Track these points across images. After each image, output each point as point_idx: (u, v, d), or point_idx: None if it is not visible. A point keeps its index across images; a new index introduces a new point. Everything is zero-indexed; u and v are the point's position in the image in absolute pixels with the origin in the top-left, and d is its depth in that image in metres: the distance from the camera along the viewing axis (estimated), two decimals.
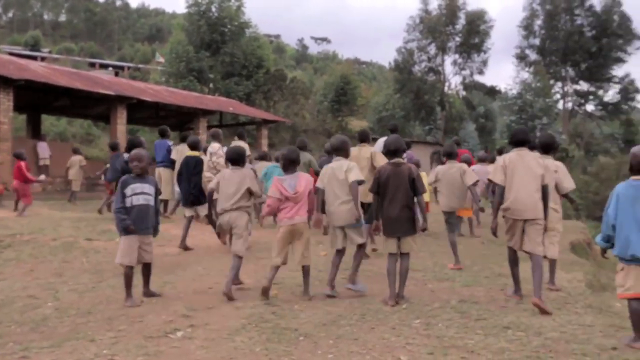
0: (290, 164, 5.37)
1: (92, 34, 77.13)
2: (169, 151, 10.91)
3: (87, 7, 77.81)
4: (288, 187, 5.22)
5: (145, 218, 5.03)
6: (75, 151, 15.49)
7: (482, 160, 11.64)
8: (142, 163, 5.08)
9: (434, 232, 9.72)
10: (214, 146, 9.48)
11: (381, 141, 8.74)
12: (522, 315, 4.70)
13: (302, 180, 5.27)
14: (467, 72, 41.50)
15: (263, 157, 11.48)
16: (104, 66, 50.93)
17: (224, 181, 5.48)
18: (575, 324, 4.36)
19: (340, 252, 5.57)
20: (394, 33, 72.23)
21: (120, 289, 5.18)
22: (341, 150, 5.56)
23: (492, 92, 43.82)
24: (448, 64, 41.70)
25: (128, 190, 5.02)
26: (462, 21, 39.74)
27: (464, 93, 43.98)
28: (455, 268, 6.95)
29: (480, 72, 41.59)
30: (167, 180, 10.85)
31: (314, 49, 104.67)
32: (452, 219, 7.40)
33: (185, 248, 7.89)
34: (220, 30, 32.23)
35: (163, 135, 11.29)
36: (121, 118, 16.75)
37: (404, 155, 5.75)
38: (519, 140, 5.32)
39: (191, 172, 8.25)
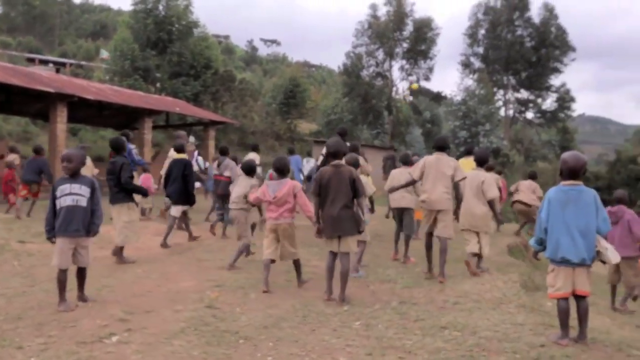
0: (276, 171, 5.83)
1: (31, 28, 74.00)
2: (129, 154, 10.71)
3: (25, 0, 74.68)
4: (271, 191, 5.75)
5: (74, 219, 4.81)
6: (12, 149, 14.85)
7: None
8: (72, 164, 4.90)
9: (378, 235, 9.84)
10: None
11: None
12: (459, 315, 4.83)
13: (284, 187, 5.71)
14: (414, 77, 42.18)
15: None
16: (44, 62, 48.95)
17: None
18: (508, 323, 4.52)
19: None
20: (345, 37, 72.80)
21: (54, 293, 4.99)
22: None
23: (438, 97, 44.79)
24: (395, 69, 42.32)
25: (58, 192, 4.85)
26: (409, 28, 40.40)
27: (410, 98, 44.76)
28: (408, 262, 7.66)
29: (427, 78, 42.36)
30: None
31: (263, 50, 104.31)
32: (406, 219, 7.82)
33: (165, 246, 8.16)
34: (168, 29, 31.60)
35: (126, 139, 11.04)
36: (61, 116, 16.14)
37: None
38: (439, 146, 6.73)
39: (180, 174, 8.53)
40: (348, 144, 7.63)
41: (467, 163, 8.89)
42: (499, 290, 6.08)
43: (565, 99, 46.75)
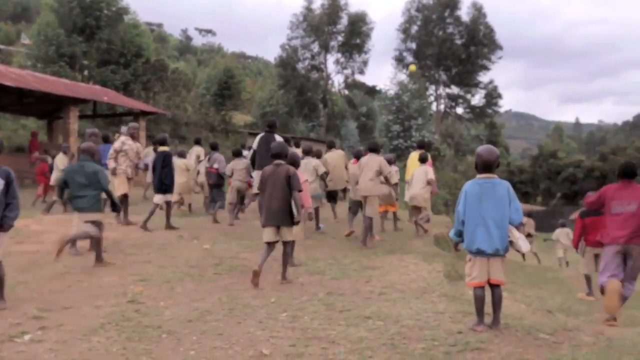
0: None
1: None
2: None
3: None
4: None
5: None
6: None
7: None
8: None
9: (308, 229, 9.89)
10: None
11: (258, 138, 9.68)
12: (383, 305, 4.94)
13: None
14: (348, 71, 42.65)
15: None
16: None
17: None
18: (430, 312, 4.67)
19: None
20: (282, 29, 72.67)
21: None
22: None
23: (372, 91, 45.42)
24: (330, 62, 42.63)
25: None
26: (344, 21, 40.75)
27: (345, 92, 45.21)
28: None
29: (361, 72, 42.94)
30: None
31: (198, 40, 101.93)
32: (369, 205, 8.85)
33: (145, 229, 8.71)
34: (95, 15, 30.30)
35: (106, 140, 10.78)
36: None
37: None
38: (371, 149, 8.88)
39: (161, 165, 9.07)
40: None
41: (418, 156, 10.42)
42: (424, 280, 6.26)
43: (492, 96, 48.66)
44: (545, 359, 3.46)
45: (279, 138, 9.58)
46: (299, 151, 10.77)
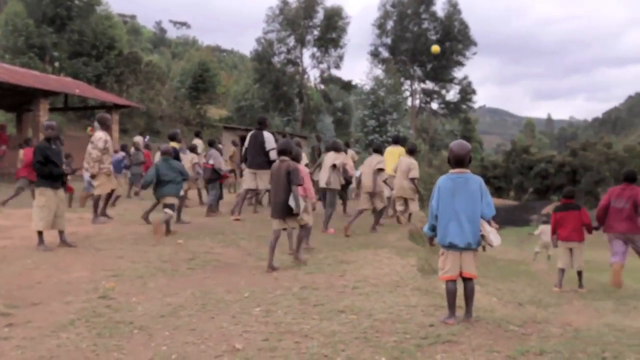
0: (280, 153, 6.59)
1: None
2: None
3: None
4: None
5: None
6: None
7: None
8: None
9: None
10: (95, 135, 8.95)
11: (248, 135, 10.02)
12: (357, 299, 4.96)
13: None
14: (324, 65, 42.73)
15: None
16: None
17: None
18: (402, 305, 4.70)
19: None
20: (257, 22, 72.13)
21: None
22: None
23: (348, 86, 45.57)
24: (306, 57, 42.60)
25: None
26: (320, 16, 40.75)
27: (321, 86, 45.21)
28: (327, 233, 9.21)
29: (337, 67, 43.07)
30: None
31: (172, 33, 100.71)
32: (329, 197, 9.58)
33: (147, 221, 8.84)
34: (66, 5, 29.75)
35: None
36: None
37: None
38: (334, 148, 9.68)
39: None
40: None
41: (394, 150, 11.02)
42: (397, 274, 6.30)
43: (467, 91, 49.22)
44: (514, 350, 3.52)
45: (268, 135, 9.85)
46: None
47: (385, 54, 48.34)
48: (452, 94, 49.83)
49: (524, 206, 35.56)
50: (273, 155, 9.28)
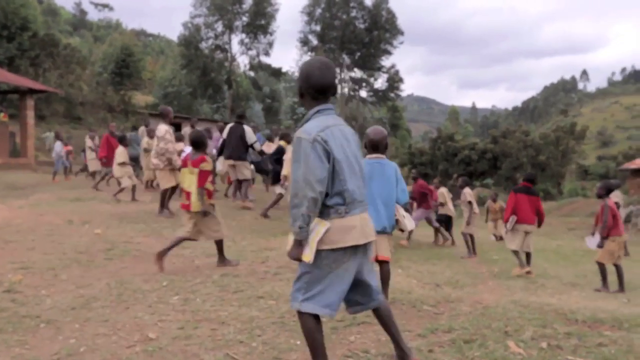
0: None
1: None
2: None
3: None
4: None
5: None
6: None
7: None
8: None
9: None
10: (161, 129, 8.57)
11: (227, 127, 10.45)
12: (277, 285, 4.98)
13: None
14: (253, 52, 42.20)
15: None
16: None
17: None
18: None
19: None
20: (185, 7, 70.10)
21: None
22: None
23: (277, 73, 45.27)
24: (235, 43, 41.97)
25: None
26: (249, 1, 40.17)
27: (251, 73, 44.70)
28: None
29: (267, 54, 42.63)
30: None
31: (94, 15, 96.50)
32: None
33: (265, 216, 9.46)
34: None
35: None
36: None
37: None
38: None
39: (276, 158, 9.78)
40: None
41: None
42: None
43: (394, 80, 50.12)
44: (424, 328, 3.65)
45: (248, 128, 10.31)
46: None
47: (314, 41, 48.39)
48: (380, 82, 50.65)
49: (449, 191, 36.77)
50: (257, 147, 10.39)
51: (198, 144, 5.71)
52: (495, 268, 9.00)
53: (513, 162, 37.25)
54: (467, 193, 10.90)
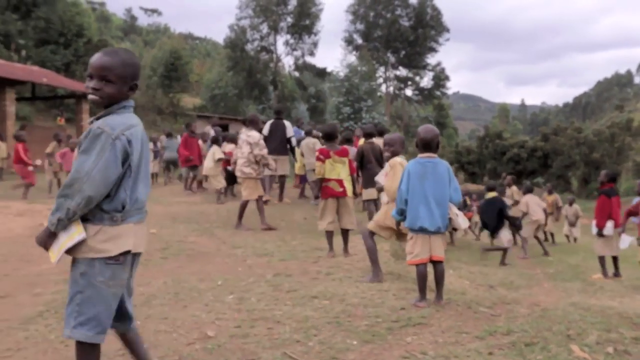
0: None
1: None
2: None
3: None
4: None
5: None
6: None
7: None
8: None
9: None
10: (255, 135, 8.27)
11: (268, 124, 10.72)
12: (330, 285, 4.99)
13: None
14: (298, 52, 42.45)
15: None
16: None
17: None
18: (375, 290, 4.75)
19: None
20: (230, 9, 71.24)
21: None
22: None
23: (322, 73, 45.39)
24: (280, 44, 42.28)
25: None
26: (293, 2, 40.40)
27: (295, 73, 44.97)
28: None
29: (311, 54, 42.83)
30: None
31: (143, 20, 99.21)
32: None
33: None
34: None
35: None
36: None
37: None
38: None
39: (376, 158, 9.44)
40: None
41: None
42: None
43: (440, 77, 49.52)
44: (482, 330, 3.58)
45: (288, 124, 10.77)
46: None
47: (359, 40, 48.28)
48: (426, 81, 50.15)
49: (498, 191, 35.96)
50: (293, 142, 10.84)
51: (331, 135, 6.36)
52: (550, 269, 8.76)
53: (565, 160, 36.16)
54: (524, 202, 10.78)
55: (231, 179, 11.28)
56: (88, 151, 2.28)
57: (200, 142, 13.42)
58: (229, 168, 10.77)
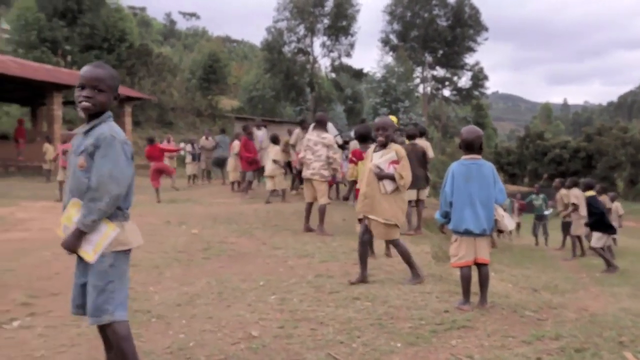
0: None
1: None
2: None
3: None
4: None
5: None
6: None
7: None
8: None
9: (298, 211, 9.93)
10: (329, 137, 8.06)
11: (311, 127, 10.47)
12: (372, 286, 4.98)
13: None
14: (335, 54, 42.36)
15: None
16: None
17: None
18: (417, 292, 4.72)
19: None
20: (267, 12, 71.66)
21: None
22: None
23: (359, 74, 45.16)
24: (317, 45, 42.32)
25: None
26: (330, 4, 40.38)
27: (332, 75, 44.97)
28: None
29: (348, 55, 42.64)
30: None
31: (182, 24, 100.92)
32: None
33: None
34: None
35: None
36: None
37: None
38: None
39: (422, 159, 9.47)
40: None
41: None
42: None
43: (479, 77, 48.74)
44: (529, 335, 3.52)
45: (330, 125, 10.39)
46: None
47: (395, 41, 47.96)
48: (464, 81, 49.38)
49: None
50: (339, 140, 10.71)
51: (365, 137, 6.43)
52: (596, 273, 8.53)
53: (610, 161, 35.12)
54: (574, 195, 10.41)
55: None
56: (107, 156, 2.52)
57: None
58: (296, 168, 11.42)
